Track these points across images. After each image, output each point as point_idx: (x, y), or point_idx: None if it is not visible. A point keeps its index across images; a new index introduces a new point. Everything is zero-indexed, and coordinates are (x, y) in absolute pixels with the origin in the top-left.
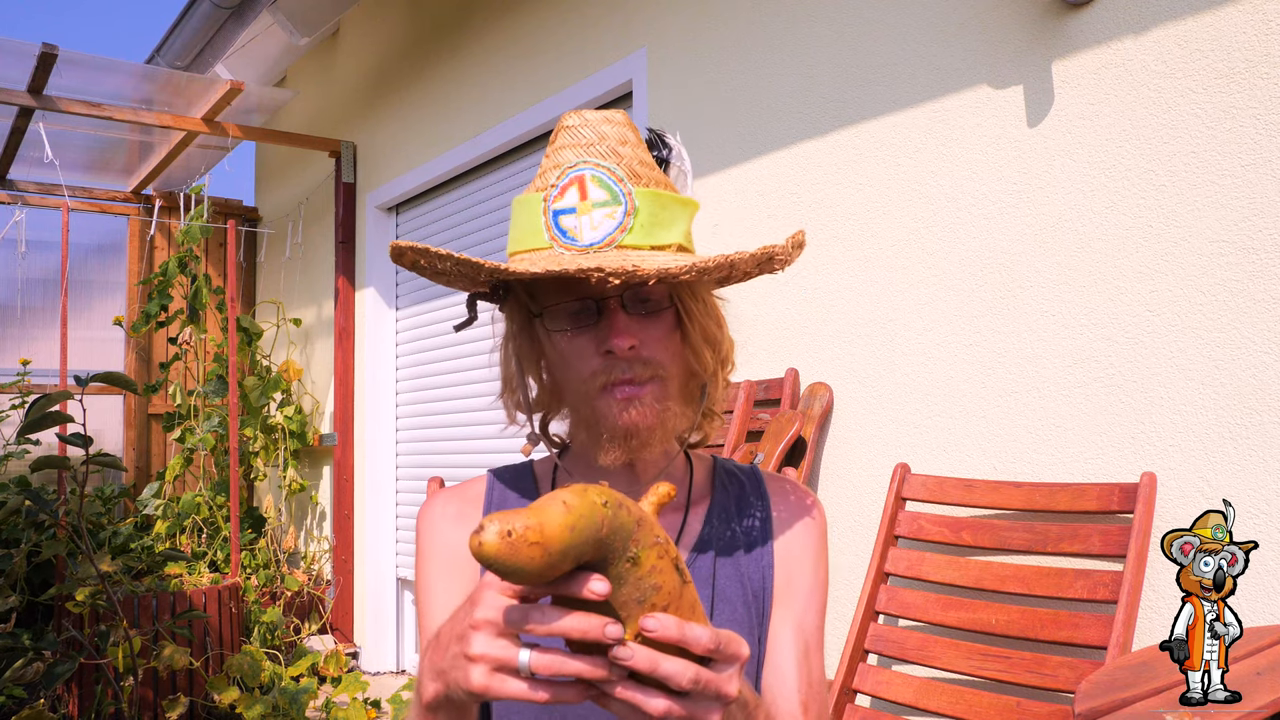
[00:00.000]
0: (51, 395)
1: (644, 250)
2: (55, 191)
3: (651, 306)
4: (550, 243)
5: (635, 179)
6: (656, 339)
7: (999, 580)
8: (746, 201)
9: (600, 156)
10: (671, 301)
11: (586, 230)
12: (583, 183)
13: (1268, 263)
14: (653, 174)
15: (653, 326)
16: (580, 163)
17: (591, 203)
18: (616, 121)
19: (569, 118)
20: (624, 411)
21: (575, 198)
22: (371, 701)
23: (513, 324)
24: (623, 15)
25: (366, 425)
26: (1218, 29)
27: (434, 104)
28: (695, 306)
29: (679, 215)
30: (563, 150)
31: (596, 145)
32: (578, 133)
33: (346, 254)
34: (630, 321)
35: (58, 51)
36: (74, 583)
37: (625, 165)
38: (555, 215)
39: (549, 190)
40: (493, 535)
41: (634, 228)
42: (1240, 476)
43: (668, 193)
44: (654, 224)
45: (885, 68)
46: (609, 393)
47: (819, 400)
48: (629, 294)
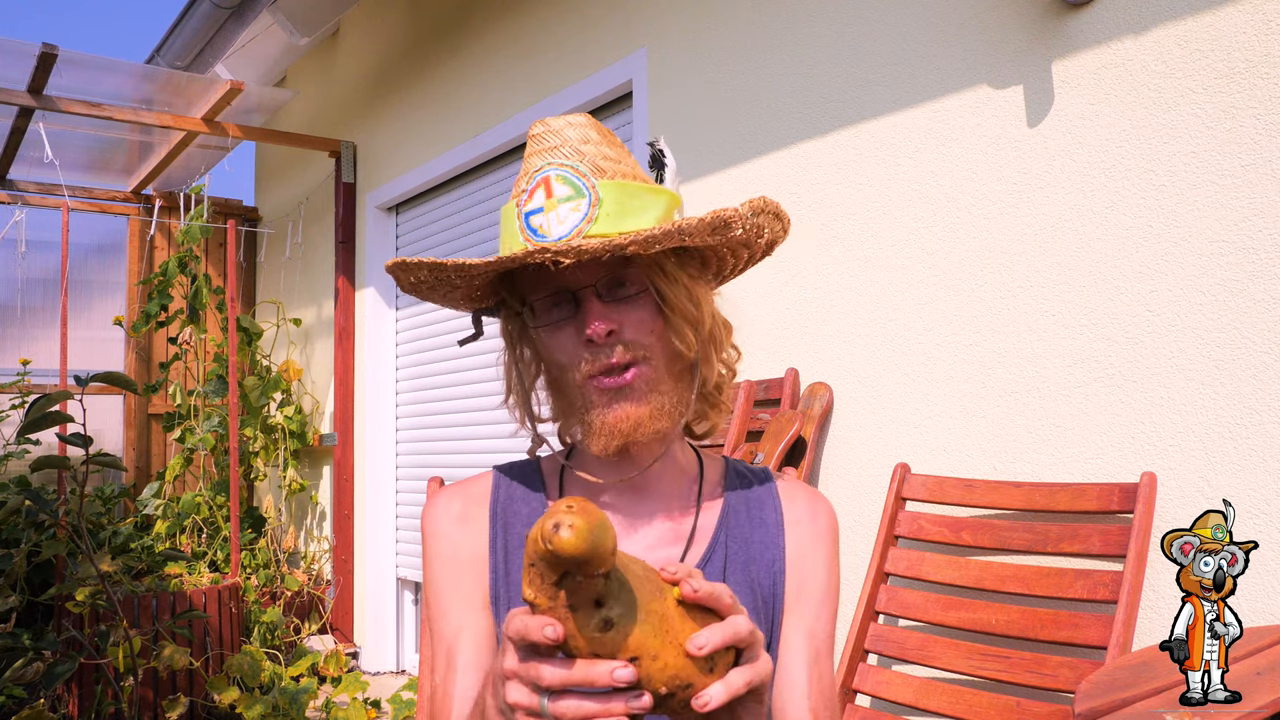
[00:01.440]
0: (51, 395)
1: (612, 238)
2: (55, 191)
3: (627, 292)
4: (525, 244)
5: (599, 173)
6: (636, 322)
7: (999, 580)
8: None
9: (564, 157)
10: (647, 286)
11: (554, 225)
12: (548, 183)
13: (1268, 263)
14: (619, 167)
15: (631, 311)
16: (545, 165)
17: (557, 199)
18: (578, 124)
19: (535, 127)
20: (612, 403)
21: (542, 198)
22: (371, 701)
23: (510, 331)
24: (623, 15)
25: (366, 425)
26: (1218, 29)
27: (434, 104)
28: (669, 288)
29: (650, 203)
30: (531, 157)
31: (560, 148)
32: (542, 139)
33: (346, 254)
34: (605, 308)
35: (58, 51)
36: (74, 583)
37: (588, 162)
38: (527, 217)
39: (520, 195)
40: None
41: (599, 218)
42: (1240, 476)
43: (636, 183)
44: (622, 213)
45: (885, 68)
46: (595, 382)
47: (819, 400)
48: (603, 282)
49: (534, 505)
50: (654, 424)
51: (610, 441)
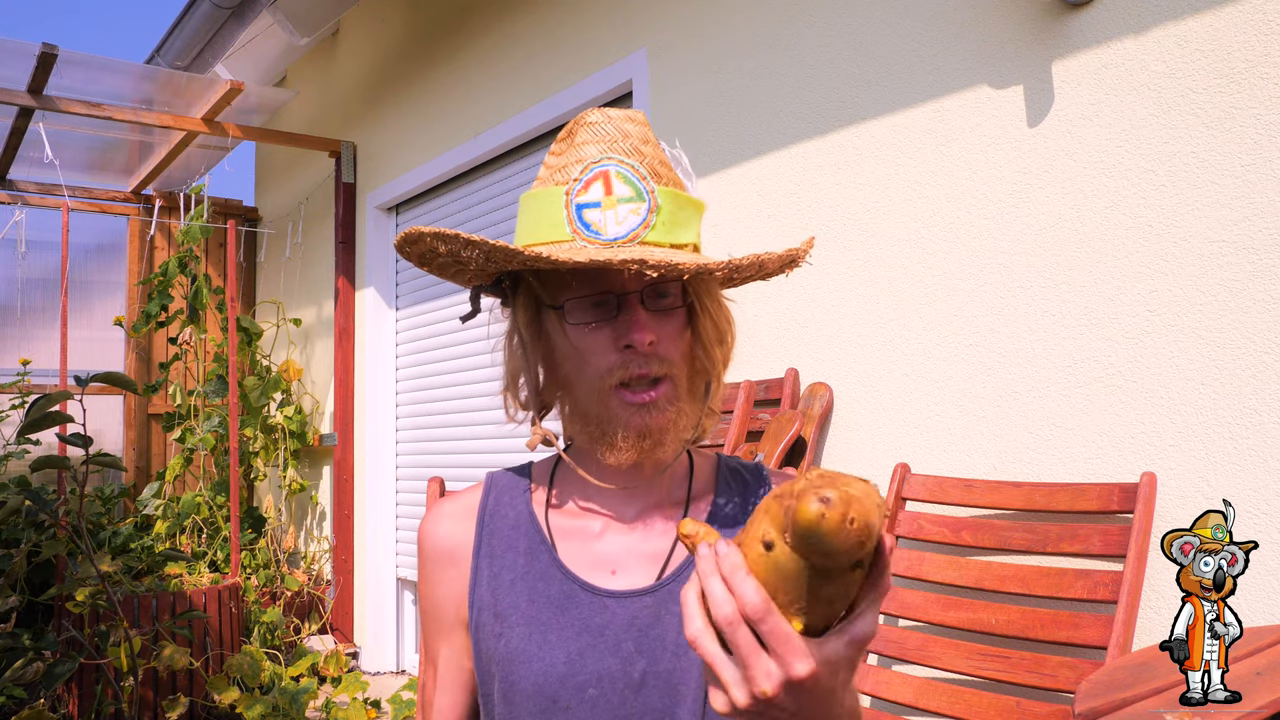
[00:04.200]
0: (51, 395)
1: (665, 247)
2: (55, 191)
3: (667, 304)
4: (572, 235)
5: (657, 178)
6: (670, 336)
7: (999, 580)
8: (746, 201)
9: (624, 154)
10: (684, 300)
11: (611, 225)
12: (607, 178)
13: (1268, 263)
14: (671, 175)
15: (667, 324)
16: (604, 158)
17: (617, 198)
18: (639, 121)
19: (591, 114)
20: (638, 414)
21: (600, 192)
22: (371, 701)
23: (521, 318)
24: (623, 15)
25: (366, 425)
26: (1218, 29)
27: (434, 104)
28: (710, 304)
29: (693, 216)
30: (585, 145)
31: (620, 142)
32: (600, 129)
33: (346, 254)
34: (650, 317)
35: (58, 51)
36: (74, 583)
37: (648, 164)
38: (579, 209)
39: (572, 184)
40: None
41: (656, 225)
42: (1240, 476)
43: (684, 193)
44: (674, 223)
45: (885, 68)
46: (622, 392)
47: (819, 400)
48: (648, 290)
49: (519, 506)
50: (673, 444)
51: (632, 456)
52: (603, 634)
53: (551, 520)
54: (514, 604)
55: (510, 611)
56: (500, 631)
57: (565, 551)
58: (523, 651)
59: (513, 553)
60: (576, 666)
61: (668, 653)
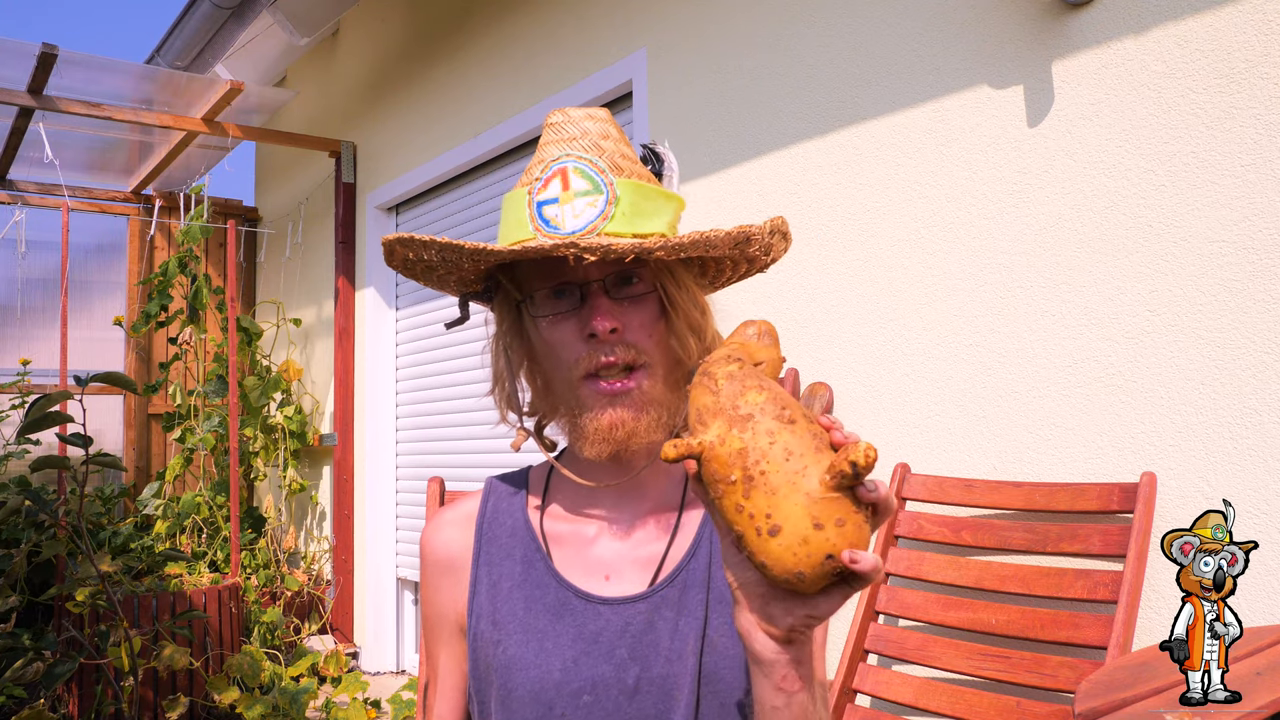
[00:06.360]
0: (51, 395)
1: (627, 237)
2: (55, 191)
3: (634, 291)
4: (534, 233)
5: (617, 171)
6: (640, 324)
7: (999, 580)
8: (746, 202)
9: (583, 149)
10: (655, 287)
11: (569, 218)
12: (565, 174)
13: (1268, 263)
14: (635, 167)
15: (636, 312)
16: (563, 156)
17: (574, 192)
18: (599, 118)
19: (553, 115)
20: (608, 403)
21: (558, 188)
22: (371, 701)
23: (502, 320)
24: (623, 15)
25: (366, 425)
26: (1218, 29)
27: (434, 104)
28: (678, 293)
29: (663, 207)
30: (547, 146)
31: (579, 140)
32: (561, 129)
33: (346, 254)
34: (612, 305)
35: (58, 51)
36: (74, 583)
37: (607, 158)
38: (539, 206)
39: (533, 183)
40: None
41: (615, 216)
42: (1240, 476)
43: (650, 185)
44: (636, 213)
45: (885, 68)
46: (596, 382)
47: (819, 400)
48: (611, 278)
49: (515, 513)
50: (649, 435)
51: (604, 448)
52: (597, 641)
53: (546, 526)
54: (511, 612)
55: (508, 619)
56: (498, 639)
57: (560, 558)
58: (520, 659)
59: (510, 560)
60: (572, 673)
61: (661, 658)
